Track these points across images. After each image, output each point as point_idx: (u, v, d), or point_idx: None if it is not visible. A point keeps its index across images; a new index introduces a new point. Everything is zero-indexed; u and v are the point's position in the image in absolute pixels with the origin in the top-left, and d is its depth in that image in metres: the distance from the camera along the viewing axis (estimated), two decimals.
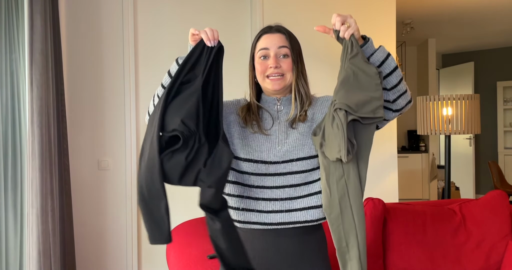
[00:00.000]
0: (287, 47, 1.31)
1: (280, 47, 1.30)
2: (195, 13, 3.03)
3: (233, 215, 1.30)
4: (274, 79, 1.30)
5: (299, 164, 1.27)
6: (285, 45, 1.31)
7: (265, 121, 1.34)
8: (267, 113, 1.35)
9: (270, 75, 1.30)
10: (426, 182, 6.07)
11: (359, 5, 3.17)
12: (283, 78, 1.30)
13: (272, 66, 1.29)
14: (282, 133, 1.31)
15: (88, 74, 2.86)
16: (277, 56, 1.30)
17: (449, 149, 3.19)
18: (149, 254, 2.96)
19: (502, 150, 6.81)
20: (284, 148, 1.28)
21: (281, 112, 1.34)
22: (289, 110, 1.34)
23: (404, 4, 4.40)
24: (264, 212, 1.27)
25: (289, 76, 1.31)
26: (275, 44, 1.31)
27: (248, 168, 1.28)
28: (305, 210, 1.27)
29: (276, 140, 1.30)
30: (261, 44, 1.33)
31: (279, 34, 1.32)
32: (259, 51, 1.32)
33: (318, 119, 1.32)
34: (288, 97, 1.35)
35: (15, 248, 2.59)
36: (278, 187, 1.28)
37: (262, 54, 1.32)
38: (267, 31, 1.34)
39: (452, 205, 2.23)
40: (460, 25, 5.49)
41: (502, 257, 2.07)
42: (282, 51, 1.30)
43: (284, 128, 1.31)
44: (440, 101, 3.03)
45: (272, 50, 1.30)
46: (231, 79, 3.12)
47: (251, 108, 1.36)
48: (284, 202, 1.27)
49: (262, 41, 1.33)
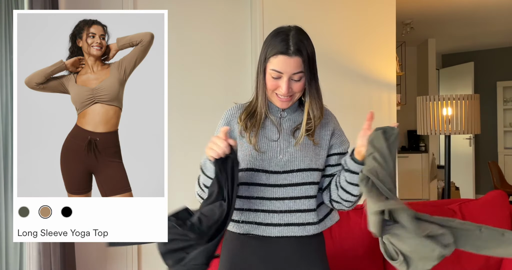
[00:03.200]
0: (302, 72, 1.24)
1: (295, 73, 1.24)
2: (195, 13, 3.03)
3: (232, 227, 1.30)
4: (282, 100, 1.27)
5: (299, 175, 1.27)
6: (300, 71, 1.24)
7: (268, 128, 1.32)
8: (270, 120, 1.33)
9: (279, 95, 1.27)
10: (426, 182, 6.07)
11: (359, 5, 3.17)
12: (292, 98, 1.28)
13: (284, 93, 1.25)
14: (285, 142, 1.30)
15: None
16: (290, 80, 1.24)
17: (449, 149, 3.19)
18: (149, 254, 2.96)
19: (502, 150, 6.81)
20: (286, 158, 1.27)
21: (284, 119, 1.33)
22: (292, 117, 1.33)
23: (404, 4, 4.40)
24: (263, 224, 1.27)
25: (298, 95, 1.29)
26: (290, 70, 1.23)
27: (248, 178, 1.28)
28: (303, 226, 1.27)
29: (277, 149, 1.29)
30: (275, 65, 1.23)
31: (297, 58, 1.22)
32: (272, 71, 1.24)
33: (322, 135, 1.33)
34: (293, 105, 1.34)
35: (15, 248, 2.59)
36: (278, 199, 1.27)
37: (275, 75, 1.25)
38: (285, 52, 1.22)
39: (452, 205, 2.22)
40: (460, 25, 5.49)
41: (502, 257, 2.07)
42: (296, 76, 1.24)
43: (287, 137, 1.30)
44: (440, 101, 3.03)
45: (286, 75, 1.23)
46: (231, 78, 3.13)
47: (256, 114, 1.32)
48: (283, 215, 1.27)
49: (278, 63, 1.23)
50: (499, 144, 6.84)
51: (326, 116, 1.35)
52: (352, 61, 3.14)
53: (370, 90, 3.19)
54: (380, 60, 3.21)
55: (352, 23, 3.15)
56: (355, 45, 3.15)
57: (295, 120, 1.34)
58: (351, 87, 3.14)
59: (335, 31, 3.10)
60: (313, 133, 1.30)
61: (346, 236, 1.98)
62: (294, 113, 1.35)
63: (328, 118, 1.36)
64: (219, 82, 3.00)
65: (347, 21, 3.12)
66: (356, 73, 3.15)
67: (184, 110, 2.88)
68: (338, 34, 3.10)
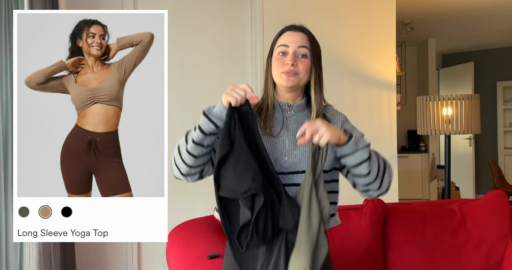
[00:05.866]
0: (307, 48, 1.29)
1: (300, 46, 1.28)
2: (195, 13, 3.03)
3: None
4: (288, 75, 1.27)
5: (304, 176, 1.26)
6: (305, 46, 1.29)
7: (274, 127, 1.31)
8: (276, 117, 1.32)
9: (285, 72, 1.28)
10: (426, 182, 6.07)
11: (359, 5, 3.17)
12: (297, 76, 1.28)
13: (289, 63, 1.27)
14: (290, 144, 1.28)
15: None
16: (295, 55, 1.28)
17: (449, 149, 3.19)
18: (149, 254, 2.96)
19: (502, 150, 6.81)
20: (291, 160, 1.26)
21: (290, 119, 1.32)
22: (299, 118, 1.32)
23: (404, 4, 4.40)
24: None
25: (303, 76, 1.29)
26: (296, 42, 1.28)
27: None
28: None
29: (283, 150, 1.28)
30: (282, 40, 1.31)
31: (301, 33, 1.31)
32: (279, 46, 1.30)
33: None
34: (300, 103, 1.34)
35: (15, 248, 2.59)
36: None
37: (281, 50, 1.29)
38: (291, 29, 1.32)
39: (452, 205, 2.23)
40: (460, 25, 5.50)
41: (502, 257, 2.07)
42: (302, 50, 1.28)
43: (292, 138, 1.29)
44: (440, 101, 3.03)
45: (292, 48, 1.28)
46: (231, 78, 3.13)
47: (264, 108, 1.32)
48: None
49: (284, 37, 1.31)
50: (499, 144, 6.84)
51: (334, 116, 1.35)
52: (352, 61, 3.14)
53: (370, 90, 3.19)
54: (380, 60, 3.21)
55: (352, 23, 3.15)
56: (355, 45, 3.15)
57: (302, 121, 1.32)
58: (351, 87, 3.14)
59: (335, 31, 3.10)
60: None
61: (346, 236, 1.98)
62: (301, 112, 1.34)
63: (336, 117, 1.35)
64: (219, 82, 3.00)
65: (347, 21, 3.13)
66: (356, 73, 3.15)
67: (184, 110, 2.88)
68: (338, 34, 3.10)
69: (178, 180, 1.34)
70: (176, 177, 1.33)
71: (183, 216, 2.96)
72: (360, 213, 2.03)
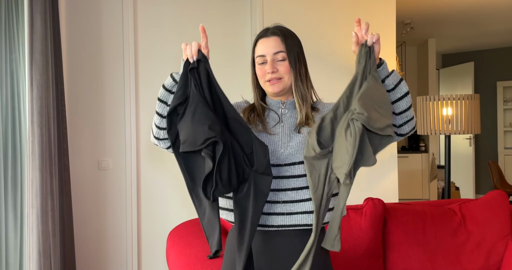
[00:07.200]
0: (283, 51, 1.32)
1: (276, 53, 1.32)
2: (195, 13, 3.03)
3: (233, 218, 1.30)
4: (273, 82, 1.34)
5: (301, 167, 1.28)
6: (280, 50, 1.32)
7: (269, 124, 1.36)
8: (271, 116, 1.37)
9: (269, 79, 1.34)
10: (426, 182, 6.07)
11: (359, 5, 3.17)
12: (281, 80, 1.34)
13: (269, 72, 1.32)
14: (286, 136, 1.32)
15: (88, 74, 2.86)
16: (274, 61, 1.33)
17: (449, 149, 3.19)
18: (149, 254, 2.96)
19: (502, 150, 6.81)
20: (287, 151, 1.29)
21: (285, 116, 1.36)
22: (294, 114, 1.36)
23: (404, 4, 4.40)
24: (265, 214, 1.28)
25: (287, 78, 1.34)
26: (270, 50, 1.33)
27: None
28: (307, 214, 1.27)
29: (279, 142, 1.31)
30: (258, 51, 1.35)
31: (274, 37, 1.33)
32: (257, 57, 1.36)
33: None
34: (292, 100, 1.38)
35: (15, 248, 2.59)
36: (280, 190, 1.28)
37: (260, 60, 1.35)
38: (263, 35, 1.36)
39: (452, 205, 2.23)
40: (460, 25, 5.50)
41: (502, 257, 2.07)
42: (278, 56, 1.33)
43: (288, 131, 1.33)
44: (440, 101, 3.03)
45: (269, 56, 1.33)
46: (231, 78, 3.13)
47: (255, 109, 1.38)
48: (286, 205, 1.27)
49: (259, 47, 1.36)
50: (499, 144, 6.84)
51: (323, 109, 1.37)
52: (352, 61, 3.12)
53: None
54: None
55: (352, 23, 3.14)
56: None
57: (296, 117, 1.36)
58: None
59: (335, 31, 3.10)
60: (311, 123, 1.32)
61: (346, 236, 1.98)
62: (294, 109, 1.37)
63: (327, 107, 1.37)
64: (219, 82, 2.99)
65: (347, 21, 3.12)
66: None
67: None
68: (338, 34, 3.10)
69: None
70: (152, 142, 1.37)
71: (183, 216, 2.97)
72: (360, 213, 2.03)
